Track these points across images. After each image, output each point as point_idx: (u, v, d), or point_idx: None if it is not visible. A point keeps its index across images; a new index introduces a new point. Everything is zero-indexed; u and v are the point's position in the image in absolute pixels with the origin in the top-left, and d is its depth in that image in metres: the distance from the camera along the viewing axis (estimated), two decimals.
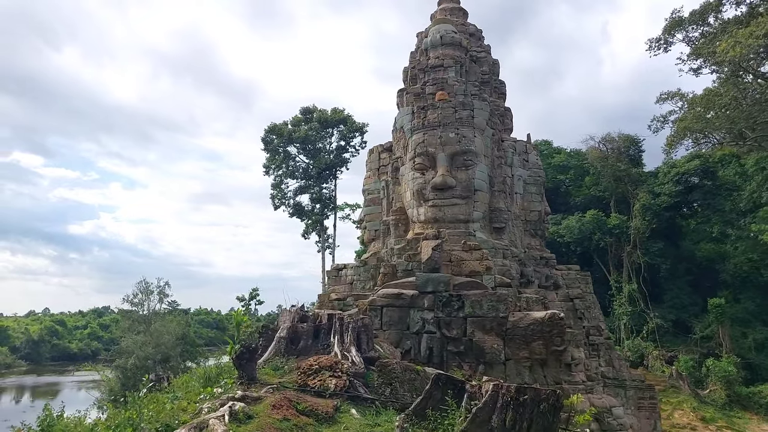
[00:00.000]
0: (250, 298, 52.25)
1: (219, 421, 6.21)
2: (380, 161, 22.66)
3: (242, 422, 6.50)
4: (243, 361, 7.78)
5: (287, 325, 9.79)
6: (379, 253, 20.27)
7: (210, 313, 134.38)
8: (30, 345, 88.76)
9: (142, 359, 34.04)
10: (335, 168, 49.56)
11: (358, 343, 8.90)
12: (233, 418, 6.45)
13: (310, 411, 6.86)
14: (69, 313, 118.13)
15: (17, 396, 60.87)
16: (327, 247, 50.26)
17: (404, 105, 20.08)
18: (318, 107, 50.20)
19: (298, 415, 6.69)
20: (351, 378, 7.62)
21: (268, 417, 6.47)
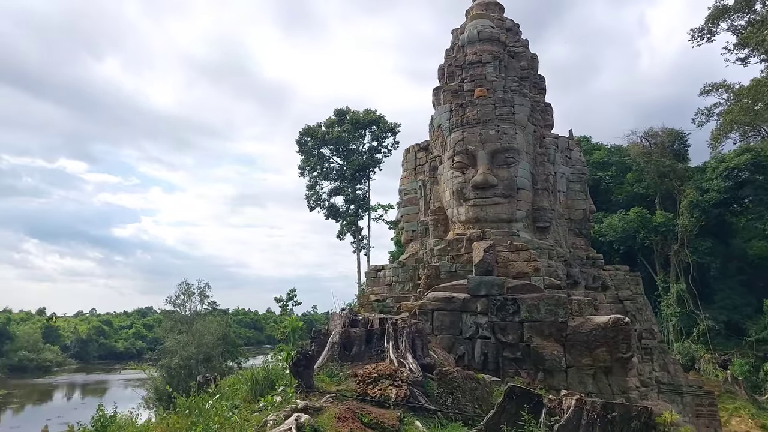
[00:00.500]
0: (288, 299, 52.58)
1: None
2: (417, 161, 22.37)
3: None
4: (300, 368, 7.55)
5: (339, 330, 9.54)
6: (417, 254, 20.01)
7: (248, 314, 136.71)
8: (79, 344, 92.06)
9: (185, 359, 34.68)
10: (368, 169, 49.56)
11: (413, 349, 8.48)
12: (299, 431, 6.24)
13: (376, 423, 6.58)
14: (114, 313, 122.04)
15: (68, 393, 63.19)
16: (362, 248, 50.31)
17: (441, 103, 19.74)
18: (351, 109, 50.38)
19: (364, 428, 6.44)
20: (411, 387, 7.25)
21: (335, 430, 6.26)
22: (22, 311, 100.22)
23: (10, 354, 76.77)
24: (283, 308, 45.65)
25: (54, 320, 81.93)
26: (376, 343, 9.32)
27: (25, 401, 56.81)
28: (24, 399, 57.74)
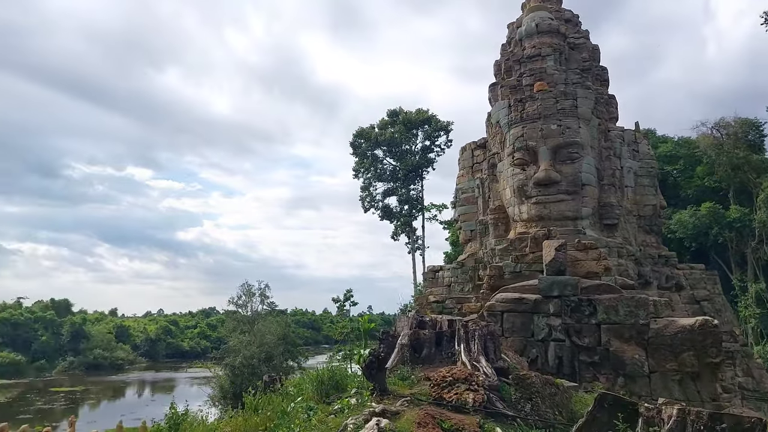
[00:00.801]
0: (345, 299, 52.92)
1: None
2: (474, 159, 21.97)
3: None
4: (372, 371, 7.43)
5: (407, 331, 9.39)
6: (476, 255, 19.62)
7: (305, 314, 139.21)
8: (148, 343, 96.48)
9: (247, 358, 35.51)
10: (421, 168, 49.26)
11: (485, 352, 8.15)
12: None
13: (456, 429, 6.37)
14: (180, 313, 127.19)
15: (139, 390, 66.30)
16: (416, 249, 50.06)
17: (499, 99, 19.28)
18: (404, 109, 50.24)
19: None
20: (487, 392, 6.98)
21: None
22: (96, 312, 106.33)
23: (86, 352, 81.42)
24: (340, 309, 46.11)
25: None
26: (445, 345, 9.06)
27: (101, 397, 60.03)
28: (99, 395, 61.03)
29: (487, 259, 17.48)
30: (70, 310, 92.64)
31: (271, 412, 10.33)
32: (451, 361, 8.52)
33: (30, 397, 56.92)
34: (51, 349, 79.38)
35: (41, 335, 79.80)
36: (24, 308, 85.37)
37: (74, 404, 53.41)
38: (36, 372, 74.35)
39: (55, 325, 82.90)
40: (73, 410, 48.42)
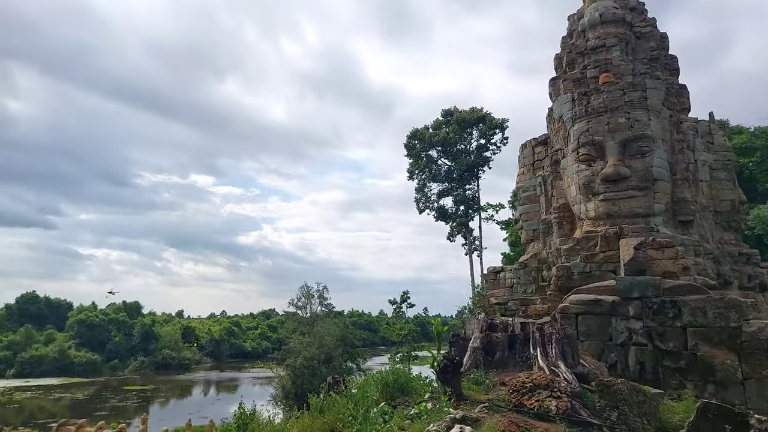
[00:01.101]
0: (402, 301, 52.28)
1: None
2: (534, 156, 21.35)
3: None
4: (447, 375, 7.23)
5: (480, 335, 9.12)
6: (539, 255, 19.02)
7: (361, 315, 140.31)
8: (213, 344, 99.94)
9: (308, 359, 36.03)
10: (477, 168, 48.47)
11: (563, 356, 7.81)
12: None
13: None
14: (242, 315, 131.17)
15: (205, 389, 68.71)
16: (474, 250, 49.30)
17: (561, 93, 18.62)
18: (458, 108, 49.62)
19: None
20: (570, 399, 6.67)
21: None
22: (164, 314, 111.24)
23: (155, 352, 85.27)
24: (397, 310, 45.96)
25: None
26: (519, 348, 8.70)
27: (169, 395, 62.64)
28: (168, 393, 63.69)
29: (552, 260, 16.89)
30: (141, 312, 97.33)
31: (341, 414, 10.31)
32: (525, 366, 8.18)
33: (105, 394, 60.14)
34: (124, 349, 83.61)
35: (114, 336, 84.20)
36: (99, 310, 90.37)
37: (145, 402, 55.98)
38: (110, 371, 78.52)
39: (127, 326, 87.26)
40: (144, 408, 50.80)
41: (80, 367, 76.22)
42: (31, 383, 66.12)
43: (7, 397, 55.99)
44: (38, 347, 77.20)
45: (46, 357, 75.46)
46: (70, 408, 50.76)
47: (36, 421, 43.93)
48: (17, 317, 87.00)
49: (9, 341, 77.56)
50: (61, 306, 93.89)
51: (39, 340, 79.46)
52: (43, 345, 78.19)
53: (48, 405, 53.82)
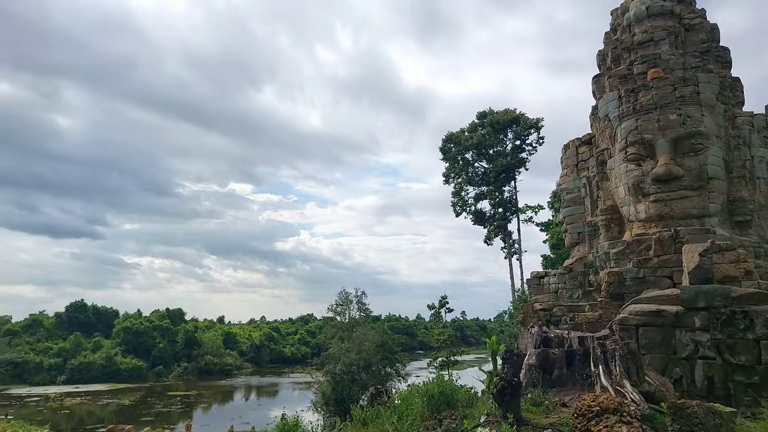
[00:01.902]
0: (440, 305, 51.72)
1: None
2: (578, 156, 20.67)
3: None
4: (505, 397, 6.72)
5: (535, 350, 8.58)
6: (585, 259, 18.34)
7: (399, 320, 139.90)
8: (253, 349, 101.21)
9: (347, 365, 35.90)
10: (513, 169, 47.58)
11: (627, 374, 7.26)
12: None
13: None
14: (281, 320, 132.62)
15: (246, 394, 69.54)
16: (513, 253, 48.37)
17: (606, 91, 17.93)
18: (494, 110, 48.89)
19: None
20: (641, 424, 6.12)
21: None
22: (206, 320, 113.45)
23: (198, 358, 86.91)
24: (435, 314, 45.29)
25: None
26: (578, 365, 8.09)
27: (212, 401, 63.61)
28: (211, 399, 64.70)
29: (600, 264, 16.22)
30: (184, 319, 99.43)
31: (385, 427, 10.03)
32: (586, 385, 7.61)
33: (150, 400, 61.52)
34: (168, 355, 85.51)
35: (159, 342, 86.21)
36: (143, 318, 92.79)
37: (189, 408, 56.97)
38: (155, 377, 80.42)
39: (171, 332, 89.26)
40: (188, 414, 51.70)
41: (126, 373, 78.34)
42: (80, 389, 68.27)
43: (58, 402, 57.92)
44: (87, 354, 79.77)
45: (94, 364, 77.89)
46: (118, 413, 52.11)
47: (85, 426, 45.30)
48: (67, 325, 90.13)
49: (59, 348, 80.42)
50: (107, 314, 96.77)
51: (87, 347, 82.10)
52: (91, 352, 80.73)
53: (96, 410, 55.39)
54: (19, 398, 61.41)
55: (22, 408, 54.08)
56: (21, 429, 37.38)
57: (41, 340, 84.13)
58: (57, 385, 70.92)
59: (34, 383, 72.42)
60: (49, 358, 78.20)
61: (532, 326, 10.06)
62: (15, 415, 47.10)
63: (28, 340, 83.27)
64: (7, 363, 70.55)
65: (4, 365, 68.50)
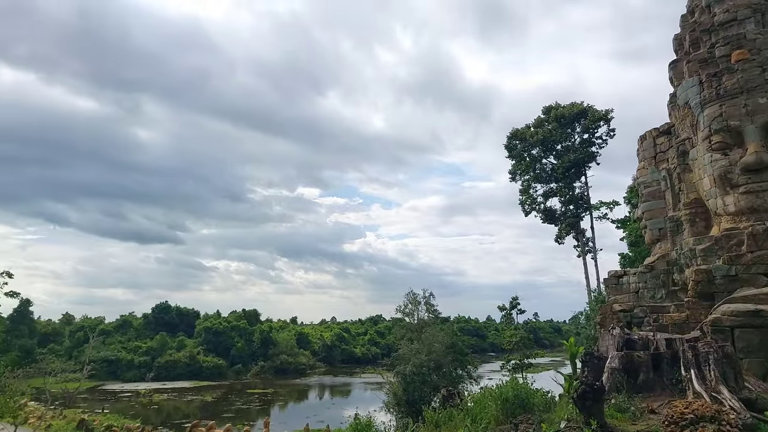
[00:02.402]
0: (511, 307, 50.49)
1: None
2: (656, 147, 19.56)
3: None
4: (587, 402, 6.41)
5: (618, 353, 8.13)
6: (668, 256, 17.28)
7: (468, 321, 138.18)
8: (325, 349, 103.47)
9: (417, 366, 35.82)
10: (583, 165, 45.63)
11: (724, 379, 6.73)
12: None
13: None
14: (351, 321, 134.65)
15: (320, 393, 71.16)
16: (587, 251, 46.45)
17: (685, 76, 16.82)
18: (560, 104, 47.20)
19: None
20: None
21: None
22: (279, 320, 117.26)
23: (273, 357, 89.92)
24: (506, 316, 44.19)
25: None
26: (666, 369, 7.59)
27: (288, 399, 65.53)
28: (286, 397, 66.68)
29: (685, 261, 15.21)
30: (259, 319, 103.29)
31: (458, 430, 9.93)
32: (677, 390, 7.11)
33: (231, 397, 64.27)
34: (245, 354, 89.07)
35: (237, 342, 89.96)
36: (222, 318, 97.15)
37: (266, 405, 59.01)
38: (234, 375, 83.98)
39: (248, 333, 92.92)
40: (265, 411, 53.53)
41: (208, 371, 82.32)
42: (167, 386, 72.43)
43: (147, 398, 61.77)
44: (172, 353, 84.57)
45: (179, 362, 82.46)
46: (201, 409, 54.81)
47: (172, 421, 47.95)
48: (153, 325, 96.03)
49: (147, 347, 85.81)
50: (189, 314, 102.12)
51: (172, 346, 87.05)
52: (176, 351, 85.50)
53: (182, 406, 58.54)
54: (113, 394, 66.02)
55: (117, 403, 58.11)
56: (116, 422, 40.23)
57: (131, 339, 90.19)
58: (146, 382, 75.71)
59: (126, 380, 77.70)
60: (139, 356, 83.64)
61: (612, 328, 9.53)
62: (110, 409, 50.71)
63: (120, 339, 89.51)
64: (102, 360, 75.94)
65: (100, 363, 73.75)
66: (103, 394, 65.54)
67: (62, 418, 40.92)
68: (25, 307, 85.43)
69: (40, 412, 42.48)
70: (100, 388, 70.60)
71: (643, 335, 9.08)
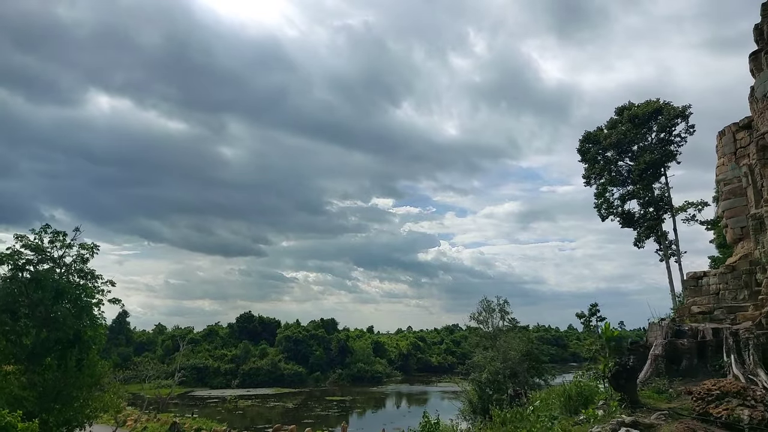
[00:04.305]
0: (590, 314, 49.26)
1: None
2: (736, 143, 18.75)
3: None
4: (621, 381, 6.90)
5: (662, 341, 8.42)
6: (751, 255, 16.49)
7: (548, 330, 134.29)
8: (401, 358, 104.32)
9: (492, 374, 35.65)
10: (662, 165, 43.55)
11: (764, 364, 6.96)
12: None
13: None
14: (426, 330, 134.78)
15: (397, 401, 71.87)
16: (671, 255, 44.20)
17: (764, 68, 16.14)
18: (634, 104, 45.44)
19: None
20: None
21: None
22: (356, 329, 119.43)
23: (350, 366, 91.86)
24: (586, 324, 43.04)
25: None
26: (711, 356, 7.87)
27: (365, 406, 66.73)
28: (364, 405, 67.91)
29: (766, 260, 14.53)
30: (336, 328, 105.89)
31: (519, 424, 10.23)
32: (719, 375, 7.33)
33: (310, 404, 66.38)
34: (323, 362, 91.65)
35: (315, 350, 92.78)
36: (301, 327, 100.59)
37: (345, 412, 60.45)
38: (314, 382, 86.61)
39: (326, 341, 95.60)
40: (344, 418, 54.89)
41: (289, 378, 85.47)
42: (251, 392, 75.93)
43: (233, 404, 65.10)
44: (255, 360, 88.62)
45: (262, 369, 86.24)
46: (283, 415, 57.12)
47: (256, 426, 50.36)
48: (237, 334, 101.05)
49: (232, 355, 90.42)
50: (271, 324, 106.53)
51: (255, 354, 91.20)
52: (259, 359, 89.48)
53: (265, 412, 61.22)
54: (201, 399, 70.12)
55: (204, 408, 61.72)
56: (204, 426, 42.94)
57: (217, 347, 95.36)
58: (232, 389, 79.71)
59: (213, 386, 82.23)
60: (225, 363, 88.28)
61: (662, 319, 9.63)
62: (199, 414, 54.02)
63: (207, 347, 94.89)
64: (191, 368, 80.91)
65: (190, 370, 78.63)
66: (192, 400, 69.70)
67: (156, 421, 44.28)
68: (123, 318, 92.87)
69: (136, 415, 46.23)
70: (190, 394, 75.08)
71: (693, 326, 9.15)
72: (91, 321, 21.67)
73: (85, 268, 22.22)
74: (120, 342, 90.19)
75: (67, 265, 21.96)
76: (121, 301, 23.58)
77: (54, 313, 20.44)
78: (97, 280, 22.30)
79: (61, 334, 20.30)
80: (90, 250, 22.51)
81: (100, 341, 22.57)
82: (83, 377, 20.52)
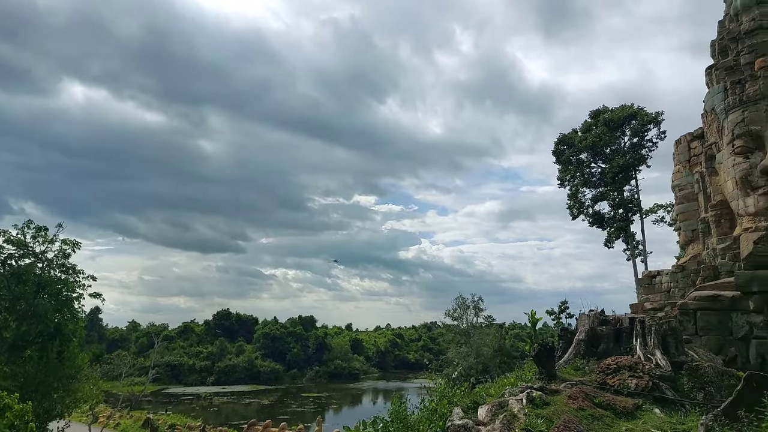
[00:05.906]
0: (560, 311, 51.05)
1: (517, 402, 6.99)
2: (690, 151, 20.12)
3: (538, 406, 7.18)
4: (542, 358, 8.26)
5: (585, 327, 9.81)
6: (699, 256, 17.84)
7: (524, 328, 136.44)
8: (379, 355, 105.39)
9: (465, 369, 36.79)
10: (633, 168, 45.45)
11: (664, 346, 8.46)
12: (530, 402, 7.16)
13: (608, 405, 7.00)
14: (405, 327, 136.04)
15: (374, 398, 72.87)
16: (638, 255, 46.11)
17: (714, 83, 17.46)
18: (608, 108, 47.24)
19: (595, 407, 6.90)
20: (654, 379, 7.39)
21: (564, 405, 6.86)
22: (335, 327, 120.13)
23: (328, 363, 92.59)
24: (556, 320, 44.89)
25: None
26: (624, 340, 9.42)
27: (342, 403, 67.58)
28: (341, 401, 68.75)
29: (709, 261, 15.86)
30: (315, 326, 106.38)
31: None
32: (629, 355, 8.78)
33: (287, 400, 66.94)
34: (301, 359, 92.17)
35: (293, 347, 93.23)
36: (279, 324, 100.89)
37: (321, 408, 61.17)
38: (290, 379, 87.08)
39: (303, 338, 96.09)
40: (320, 414, 55.67)
41: (266, 375, 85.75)
42: (226, 389, 76.10)
43: (208, 401, 65.31)
44: (231, 358, 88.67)
45: (238, 366, 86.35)
46: (258, 412, 57.57)
47: (231, 422, 50.80)
48: (213, 331, 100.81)
49: (208, 353, 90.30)
50: (248, 321, 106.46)
51: (231, 351, 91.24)
52: (235, 356, 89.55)
53: (240, 409, 61.61)
54: (175, 397, 70.11)
55: (179, 405, 61.83)
56: (179, 422, 43.35)
57: (193, 345, 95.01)
58: (207, 386, 79.74)
59: (188, 383, 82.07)
60: (200, 361, 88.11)
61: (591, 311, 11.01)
62: (173, 411, 54.19)
63: (182, 345, 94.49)
64: (166, 365, 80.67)
65: (164, 367, 78.43)
66: (166, 397, 69.60)
67: (129, 418, 44.52)
68: (95, 315, 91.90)
69: (109, 412, 46.39)
70: (164, 391, 74.91)
71: (615, 316, 10.65)
72: (71, 314, 22.13)
73: (66, 263, 22.66)
74: (92, 339, 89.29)
75: (49, 260, 22.38)
76: (102, 296, 24.06)
77: (35, 306, 20.86)
78: (78, 275, 22.76)
79: (42, 327, 20.74)
80: (72, 245, 22.95)
81: (80, 334, 23.02)
82: (64, 368, 21.00)
